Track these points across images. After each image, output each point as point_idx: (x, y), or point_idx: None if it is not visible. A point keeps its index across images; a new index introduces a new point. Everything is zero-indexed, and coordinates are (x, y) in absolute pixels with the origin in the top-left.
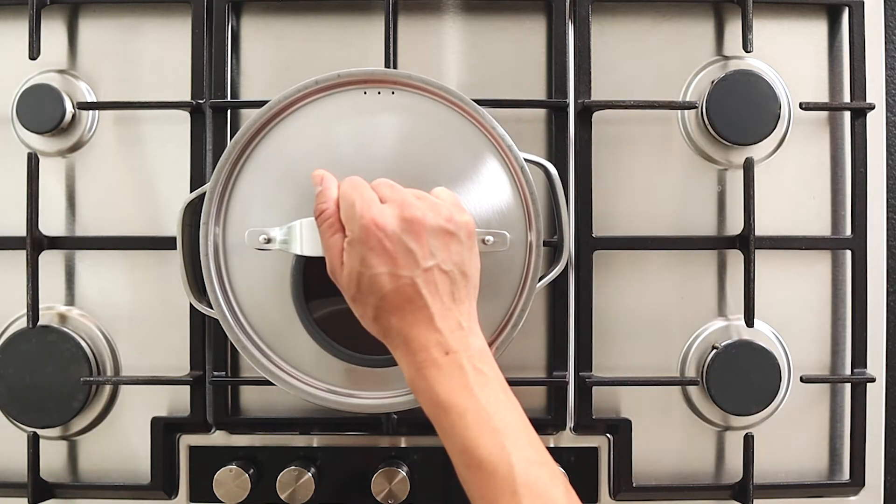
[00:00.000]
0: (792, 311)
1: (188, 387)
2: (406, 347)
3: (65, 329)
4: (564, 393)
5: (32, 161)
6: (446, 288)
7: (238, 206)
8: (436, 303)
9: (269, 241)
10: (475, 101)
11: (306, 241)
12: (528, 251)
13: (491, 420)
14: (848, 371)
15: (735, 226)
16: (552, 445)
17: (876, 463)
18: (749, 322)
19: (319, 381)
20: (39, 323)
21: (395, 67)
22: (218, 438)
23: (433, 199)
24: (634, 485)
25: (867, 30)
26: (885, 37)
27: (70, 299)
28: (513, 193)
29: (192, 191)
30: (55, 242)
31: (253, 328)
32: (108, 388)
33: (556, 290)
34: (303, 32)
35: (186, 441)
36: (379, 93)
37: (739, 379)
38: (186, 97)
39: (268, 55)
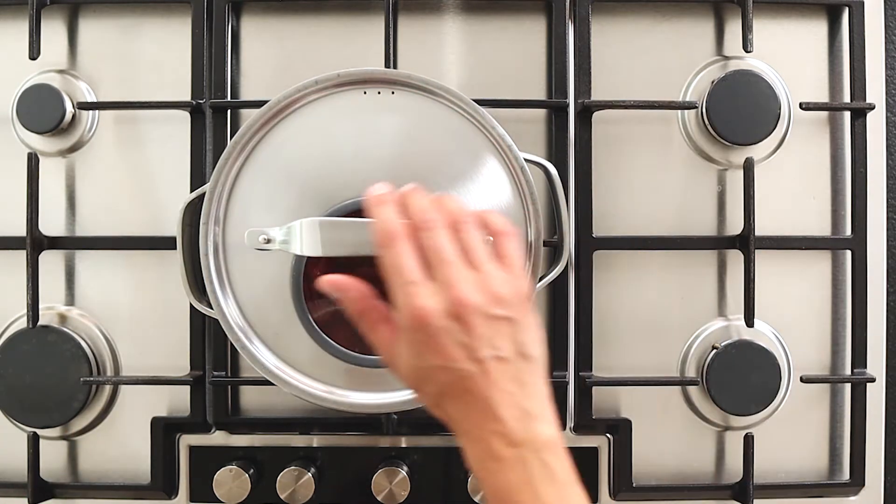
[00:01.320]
0: (792, 311)
1: (188, 387)
2: (467, 437)
3: (65, 329)
4: (564, 393)
5: (32, 161)
6: (508, 375)
7: (238, 206)
8: (496, 392)
9: (268, 241)
10: (475, 101)
11: (306, 241)
12: (529, 251)
13: None
14: (848, 371)
15: (735, 226)
16: None
17: (876, 463)
18: (749, 322)
19: (319, 381)
20: (39, 323)
21: (395, 67)
22: (218, 438)
23: (486, 271)
24: (634, 485)
25: (867, 30)
26: (885, 37)
27: (70, 299)
28: (513, 194)
29: (192, 191)
30: (55, 242)
31: (252, 328)
32: (108, 388)
33: (556, 290)
34: (303, 32)
35: (186, 441)
36: (379, 93)
37: (739, 379)
38: (186, 97)
39: (268, 55)
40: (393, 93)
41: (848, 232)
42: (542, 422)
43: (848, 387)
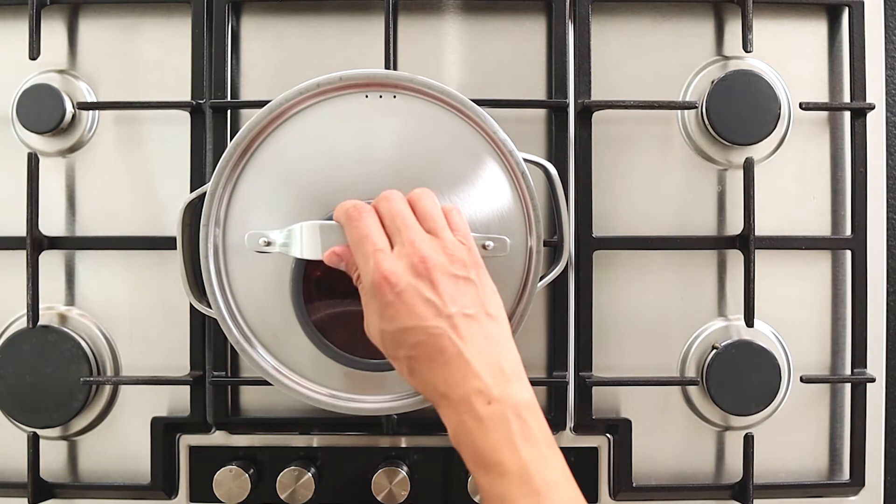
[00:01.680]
0: (792, 311)
1: (188, 387)
2: (446, 402)
3: (65, 329)
4: (564, 393)
5: (32, 161)
6: (478, 331)
7: (238, 208)
8: (469, 347)
9: (269, 243)
10: (475, 101)
11: (306, 244)
12: (529, 256)
13: (532, 481)
14: (848, 371)
15: (735, 226)
16: None
17: (876, 463)
18: (749, 322)
19: (318, 383)
20: (39, 323)
21: (395, 68)
22: (218, 438)
23: (444, 237)
24: (634, 485)
25: (867, 30)
26: (885, 37)
27: (70, 299)
28: (513, 198)
29: (192, 191)
30: (55, 242)
31: (252, 330)
32: (108, 388)
33: (556, 290)
34: (303, 32)
35: (186, 441)
36: (381, 96)
37: (739, 379)
38: (186, 97)
39: (268, 55)
40: (395, 97)
41: (848, 232)
42: (517, 383)
43: (848, 387)
